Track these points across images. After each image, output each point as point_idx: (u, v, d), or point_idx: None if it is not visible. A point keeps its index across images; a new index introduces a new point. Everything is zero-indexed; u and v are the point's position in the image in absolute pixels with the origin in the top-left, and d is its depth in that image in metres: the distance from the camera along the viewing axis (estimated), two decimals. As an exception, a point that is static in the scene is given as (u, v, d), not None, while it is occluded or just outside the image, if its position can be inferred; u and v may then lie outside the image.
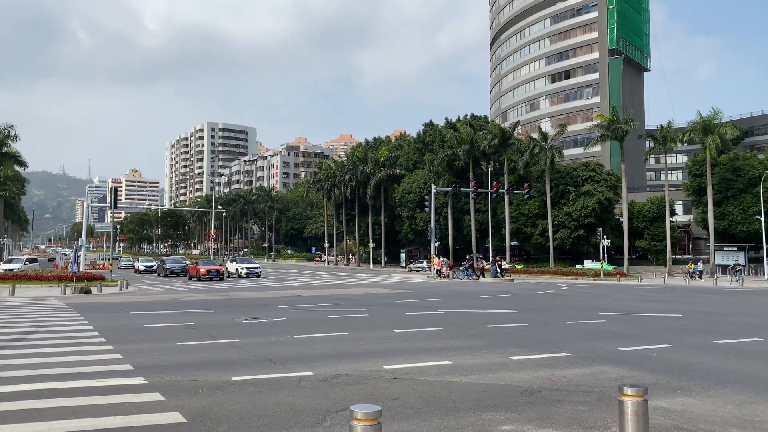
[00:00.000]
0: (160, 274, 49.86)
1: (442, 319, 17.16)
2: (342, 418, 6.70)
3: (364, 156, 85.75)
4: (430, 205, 52.63)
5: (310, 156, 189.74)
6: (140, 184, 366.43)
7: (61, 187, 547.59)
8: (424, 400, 7.59)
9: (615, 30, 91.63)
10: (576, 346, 11.87)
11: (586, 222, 59.99)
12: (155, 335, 13.74)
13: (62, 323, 16.16)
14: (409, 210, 74.84)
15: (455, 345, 12.08)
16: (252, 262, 50.69)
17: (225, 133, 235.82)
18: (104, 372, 9.29)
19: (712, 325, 15.67)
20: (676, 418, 6.89)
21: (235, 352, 11.22)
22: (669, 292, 31.57)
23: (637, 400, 5.46)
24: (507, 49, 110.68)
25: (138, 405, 7.31)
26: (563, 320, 16.71)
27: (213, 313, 19.03)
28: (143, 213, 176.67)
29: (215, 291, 30.94)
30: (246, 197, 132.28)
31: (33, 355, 10.82)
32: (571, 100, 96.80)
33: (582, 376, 9.13)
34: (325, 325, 15.45)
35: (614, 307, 20.84)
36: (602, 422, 6.69)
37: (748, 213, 56.04)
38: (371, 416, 4.57)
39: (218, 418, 6.78)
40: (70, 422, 6.53)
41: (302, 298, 25.30)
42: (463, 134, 65.44)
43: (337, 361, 10.20)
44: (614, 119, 56.91)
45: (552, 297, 26.53)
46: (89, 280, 34.32)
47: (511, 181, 63.08)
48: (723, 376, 9.08)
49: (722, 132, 53.70)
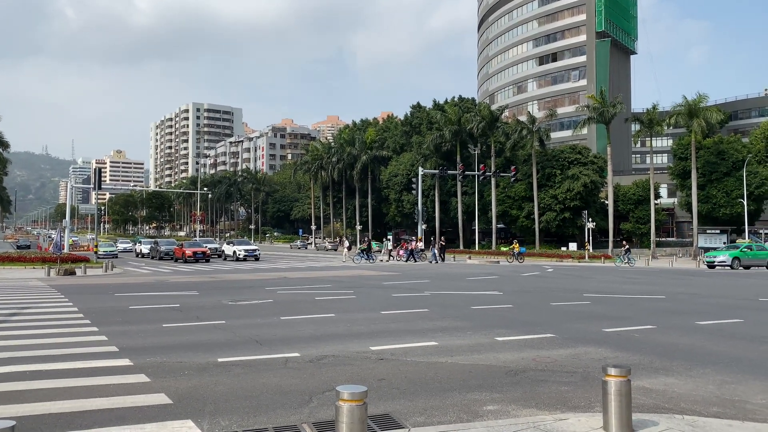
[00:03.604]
0: (154, 257, 49.34)
1: (429, 300, 17.24)
2: (328, 398, 6.72)
3: (351, 138, 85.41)
4: (417, 188, 52.64)
5: (297, 138, 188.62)
6: (125, 165, 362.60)
7: (45, 168, 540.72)
8: (410, 381, 7.64)
9: (603, 12, 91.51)
10: (560, 328, 11.99)
11: (571, 205, 60.36)
12: (141, 317, 13.68)
13: (46, 305, 16.03)
14: (396, 192, 74.83)
15: (441, 326, 12.15)
16: (250, 244, 49.63)
17: (210, 114, 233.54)
18: (89, 354, 9.24)
19: (694, 307, 15.88)
20: (658, 397, 6.99)
21: (221, 334, 11.21)
22: (653, 274, 31.93)
23: (621, 380, 5.53)
24: (495, 31, 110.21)
25: (123, 386, 7.28)
26: (548, 302, 16.85)
27: (199, 295, 18.97)
28: (128, 194, 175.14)
29: (201, 273, 30.83)
30: (232, 179, 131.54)
31: (16, 336, 10.73)
32: (559, 83, 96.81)
33: (566, 356, 9.22)
34: (311, 307, 15.47)
35: (598, 289, 21.05)
36: (586, 402, 6.77)
37: (731, 196, 56.69)
38: (357, 397, 4.59)
39: (204, 399, 6.78)
40: (54, 404, 6.49)
41: (289, 280, 25.29)
42: (451, 114, 65.33)
43: (323, 343, 10.23)
44: (602, 102, 57.06)
45: (537, 279, 26.74)
46: (73, 262, 34.04)
47: (498, 164, 63.20)
48: (704, 357, 9.22)
49: (707, 116, 54.07)
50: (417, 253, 45.07)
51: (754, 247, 40.76)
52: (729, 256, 38.19)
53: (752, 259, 38.74)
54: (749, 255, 38.77)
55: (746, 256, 38.53)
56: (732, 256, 38.21)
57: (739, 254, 38.44)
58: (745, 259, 38.36)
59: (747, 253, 38.88)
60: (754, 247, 40.66)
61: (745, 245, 41.11)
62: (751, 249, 39.76)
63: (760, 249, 40.84)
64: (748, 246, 40.56)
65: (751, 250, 39.55)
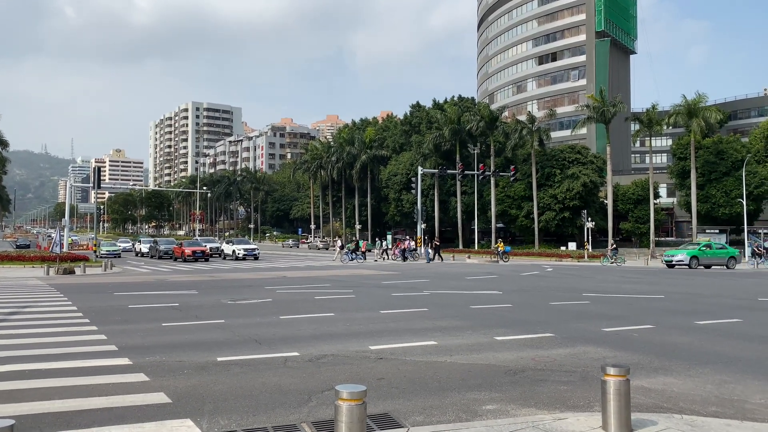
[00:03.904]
0: (154, 256, 49.32)
1: (428, 299, 17.24)
2: (328, 398, 6.73)
3: (350, 137, 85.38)
4: (417, 187, 52.67)
5: (297, 137, 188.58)
6: (124, 164, 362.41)
7: (44, 167, 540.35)
8: (409, 380, 7.64)
9: (602, 12, 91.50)
10: (560, 327, 11.99)
11: (571, 204, 60.37)
12: (140, 316, 13.68)
13: (45, 304, 16.03)
14: (396, 192, 74.82)
15: (440, 325, 12.16)
16: (249, 243, 49.73)
17: (210, 113, 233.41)
18: (88, 353, 9.23)
19: (693, 307, 15.89)
20: (657, 397, 6.99)
21: (221, 333, 11.21)
22: (652, 273, 31.94)
23: (620, 380, 5.54)
24: (494, 30, 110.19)
25: (123, 386, 7.28)
26: (547, 301, 16.86)
27: (198, 294, 18.98)
28: (127, 193, 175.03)
29: (201, 272, 30.83)
30: (231, 178, 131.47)
31: (15, 335, 10.73)
32: (558, 83, 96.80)
33: (565, 356, 9.23)
34: (311, 306, 15.47)
35: (598, 289, 21.06)
36: (585, 401, 6.77)
37: (731, 196, 56.71)
38: (356, 396, 4.59)
39: (203, 398, 6.78)
40: (53, 403, 6.49)
41: (288, 280, 25.29)
42: (450, 113, 65.34)
43: (323, 342, 10.23)
44: (602, 102, 57.06)
45: (536, 278, 26.75)
46: (73, 261, 34.03)
47: (497, 164, 63.21)
48: (703, 357, 9.22)
49: (707, 115, 54.07)
50: (410, 253, 45.10)
51: (714, 245, 39.85)
52: (687, 255, 37.37)
53: (711, 258, 38.00)
54: (708, 254, 38.01)
55: (705, 255, 37.79)
56: (690, 255, 37.42)
57: (697, 253, 37.67)
58: (704, 258, 37.62)
59: (706, 252, 38.08)
60: (713, 245, 39.75)
61: (703, 244, 40.00)
62: (710, 248, 38.89)
63: (720, 248, 40.06)
64: (707, 245, 39.58)
65: (710, 248, 38.69)
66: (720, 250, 39.46)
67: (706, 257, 37.80)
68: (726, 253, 39.17)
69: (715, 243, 41.26)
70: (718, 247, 40.17)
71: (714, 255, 38.33)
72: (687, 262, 37.07)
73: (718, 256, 38.46)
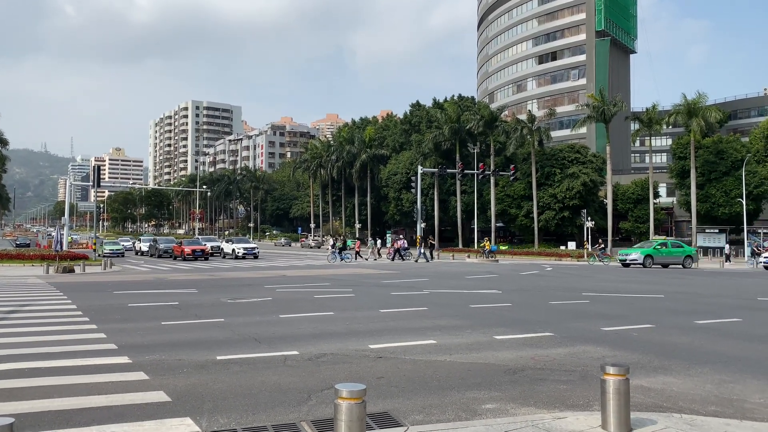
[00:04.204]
0: (153, 255, 49.33)
1: (428, 299, 17.25)
2: (327, 396, 6.73)
3: (350, 136, 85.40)
4: (417, 187, 52.65)
5: (296, 136, 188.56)
6: (124, 163, 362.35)
7: (43, 165, 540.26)
8: (408, 379, 7.64)
9: (602, 11, 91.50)
10: (559, 326, 12.00)
11: (570, 204, 60.39)
12: (139, 315, 13.68)
13: (45, 302, 16.03)
14: (396, 191, 74.83)
15: (440, 324, 12.16)
16: (249, 242, 49.73)
17: (210, 111, 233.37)
18: (88, 351, 9.23)
19: (693, 306, 15.90)
20: (657, 396, 7.00)
21: (220, 332, 11.21)
22: (651, 273, 31.96)
23: (619, 379, 5.54)
24: (494, 30, 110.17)
25: (122, 384, 7.28)
26: (547, 300, 16.86)
27: (198, 292, 18.98)
28: (127, 192, 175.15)
29: (200, 271, 30.83)
30: (231, 177, 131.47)
31: (15, 334, 10.73)
32: (558, 82, 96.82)
33: (565, 355, 9.23)
34: (310, 305, 15.47)
35: (597, 288, 21.06)
36: (584, 400, 6.78)
37: (730, 195, 56.72)
38: (356, 395, 4.59)
39: (203, 396, 6.78)
40: (53, 401, 6.49)
41: (288, 278, 25.29)
42: (450, 112, 65.35)
43: (322, 341, 10.23)
44: (602, 101, 57.06)
45: (536, 278, 26.75)
46: (72, 260, 34.03)
47: (497, 163, 63.22)
48: (703, 356, 9.23)
49: (706, 115, 54.09)
50: (403, 252, 45.14)
51: (670, 244, 39.25)
52: (641, 254, 36.87)
53: (666, 257, 37.50)
54: (663, 252, 37.51)
55: (660, 253, 37.29)
56: (644, 253, 36.93)
57: (651, 252, 37.18)
58: (659, 257, 37.11)
59: (661, 250, 37.58)
60: (669, 244, 39.16)
61: (658, 242, 39.46)
62: (666, 246, 38.39)
63: (676, 246, 39.39)
64: (662, 243, 39.09)
65: (665, 247, 38.16)
66: (676, 249, 38.81)
67: (662, 256, 37.28)
68: (682, 252, 38.50)
69: (671, 242, 40.64)
70: (675, 245, 39.51)
71: (669, 254, 37.76)
72: (641, 261, 36.50)
73: (673, 255, 37.88)
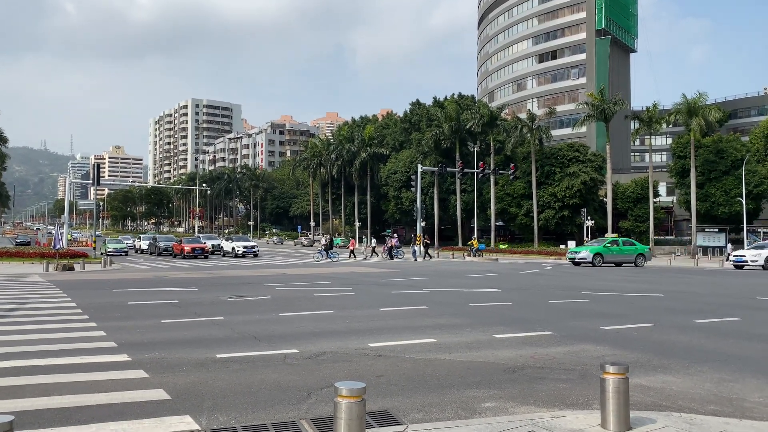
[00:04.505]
0: (153, 253, 49.31)
1: (427, 297, 17.25)
2: (327, 394, 6.73)
3: (350, 135, 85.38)
4: (416, 185, 52.65)
5: (296, 134, 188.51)
6: (123, 161, 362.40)
7: (43, 163, 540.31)
8: (408, 378, 7.64)
9: (603, 10, 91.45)
10: (559, 325, 12.00)
11: (570, 202, 60.39)
12: (139, 313, 13.68)
13: (45, 300, 16.03)
14: (396, 190, 74.83)
15: (440, 323, 12.16)
16: (249, 241, 49.77)
17: (209, 110, 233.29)
18: (87, 349, 9.23)
19: (692, 305, 15.90)
20: (656, 395, 7.00)
21: (220, 330, 11.21)
22: (651, 272, 31.96)
23: (619, 378, 5.54)
24: (495, 28, 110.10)
25: (122, 382, 7.28)
26: (546, 299, 16.87)
27: (198, 290, 18.97)
28: (126, 190, 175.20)
29: (200, 269, 30.83)
30: (231, 175, 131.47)
31: (15, 332, 10.73)
32: (558, 81, 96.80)
33: (564, 354, 9.23)
34: (310, 304, 15.47)
35: (597, 287, 21.07)
36: (584, 399, 6.78)
37: (730, 195, 56.74)
38: (356, 393, 4.59)
39: (202, 395, 6.78)
40: (53, 399, 6.49)
41: (288, 277, 25.29)
42: (450, 111, 65.34)
43: (322, 339, 10.23)
44: (602, 100, 57.05)
45: (536, 276, 26.76)
46: (72, 257, 34.03)
47: (497, 162, 63.21)
48: (702, 355, 9.23)
49: (707, 114, 54.10)
50: (396, 251, 45.13)
51: (621, 242, 38.19)
52: (590, 252, 35.92)
53: (617, 255, 36.54)
54: (614, 251, 36.54)
55: (610, 252, 36.33)
56: (593, 252, 35.96)
57: (601, 250, 36.18)
58: (609, 255, 36.13)
59: (611, 248, 36.61)
60: (620, 242, 38.13)
61: (609, 240, 38.42)
62: (617, 244, 37.42)
63: (628, 244, 38.28)
64: (613, 241, 38.13)
65: (616, 245, 37.24)
66: (627, 247, 37.77)
67: (612, 254, 36.41)
68: (634, 250, 37.49)
69: (623, 239, 39.48)
70: (626, 243, 38.46)
71: (621, 252, 36.87)
72: (590, 259, 35.62)
73: (625, 253, 36.93)
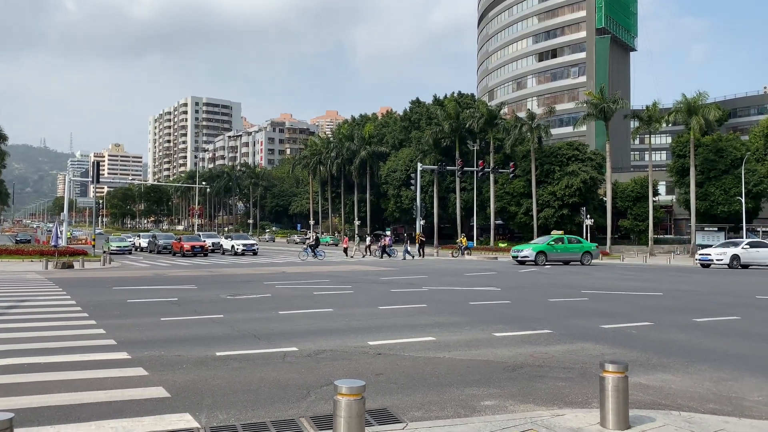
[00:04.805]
0: (152, 251, 49.36)
1: (427, 296, 17.25)
2: (326, 392, 6.73)
3: (350, 133, 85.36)
4: (416, 184, 52.65)
5: (296, 132, 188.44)
6: (123, 159, 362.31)
7: (43, 161, 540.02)
8: (407, 376, 7.65)
9: (603, 9, 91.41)
10: (558, 324, 12.01)
11: (570, 201, 60.38)
12: (138, 310, 13.68)
13: (44, 298, 16.03)
14: (395, 188, 74.81)
15: (439, 322, 12.17)
16: (248, 239, 50.00)
17: (209, 107, 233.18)
18: (87, 347, 9.24)
19: (692, 304, 15.91)
20: (655, 394, 7.01)
21: (220, 328, 11.21)
22: (650, 271, 31.98)
23: (618, 377, 5.54)
24: (495, 27, 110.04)
25: (121, 380, 7.28)
26: (546, 298, 16.88)
27: (197, 288, 18.98)
28: (126, 188, 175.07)
29: (199, 267, 30.83)
30: (230, 173, 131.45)
31: (14, 329, 10.73)
32: (558, 79, 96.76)
33: (564, 352, 9.24)
34: (310, 302, 15.48)
35: (596, 286, 21.08)
36: (583, 398, 6.78)
37: (730, 194, 56.76)
38: (355, 391, 4.59)
39: (202, 392, 6.78)
40: (52, 396, 6.50)
41: (287, 275, 25.30)
42: (450, 109, 65.32)
43: (321, 337, 10.23)
44: (601, 98, 57.04)
45: (535, 275, 26.77)
46: (71, 255, 34.02)
47: (496, 160, 63.20)
48: (701, 354, 9.24)
49: (706, 113, 54.10)
50: (389, 249, 45.19)
51: (566, 239, 36.66)
52: (532, 251, 34.56)
53: (562, 254, 35.28)
54: (558, 249, 35.23)
55: (554, 250, 35.04)
56: (536, 250, 34.61)
57: (545, 248, 34.82)
58: (553, 253, 34.88)
59: (555, 246, 35.29)
60: (565, 239, 36.59)
61: (554, 237, 37.15)
62: (562, 242, 35.99)
63: (574, 242, 36.85)
64: (558, 238, 36.65)
65: (561, 242, 35.84)
66: (573, 245, 36.33)
67: (556, 252, 35.16)
68: (580, 248, 36.18)
69: (568, 237, 38.01)
70: (572, 241, 36.98)
71: (565, 250, 35.58)
72: (533, 258, 34.21)
73: (570, 251, 35.68)
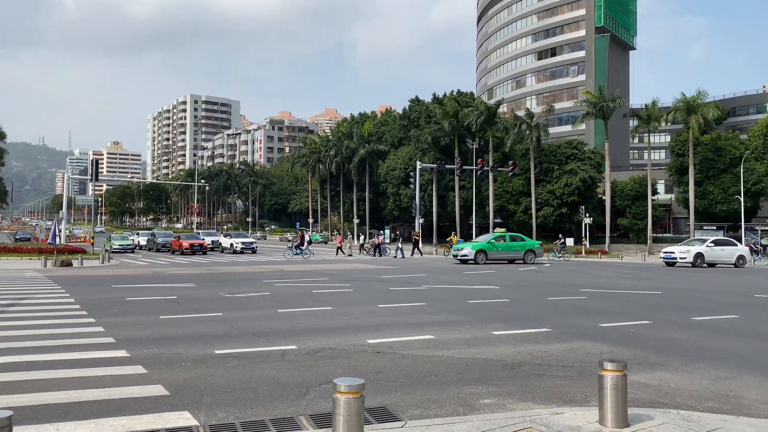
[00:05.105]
0: (151, 249, 49.35)
1: (426, 294, 17.26)
2: (325, 391, 6.74)
3: (349, 131, 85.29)
4: (415, 182, 52.66)
5: (295, 130, 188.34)
6: (122, 157, 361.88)
7: (41, 159, 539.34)
8: (407, 374, 7.65)
9: (602, 7, 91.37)
10: (557, 322, 12.02)
11: (569, 200, 60.39)
12: (137, 308, 13.67)
13: (43, 296, 16.02)
14: (394, 186, 74.77)
15: (438, 320, 12.17)
16: (247, 237, 50.15)
17: (208, 105, 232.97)
18: (86, 345, 9.23)
19: (690, 303, 15.92)
20: (654, 392, 7.01)
21: (219, 326, 11.21)
22: (649, 269, 32.00)
23: (617, 375, 5.54)
24: (494, 25, 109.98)
25: (120, 378, 7.28)
26: (545, 296, 16.89)
27: (196, 287, 18.97)
28: (125, 186, 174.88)
29: (198, 265, 30.81)
30: (229, 171, 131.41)
31: (12, 327, 10.72)
32: (557, 78, 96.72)
33: (562, 351, 9.25)
34: (309, 300, 15.48)
35: (595, 284, 21.09)
36: (582, 396, 6.79)
37: (728, 193, 56.80)
38: (354, 389, 4.59)
39: (201, 390, 6.78)
40: (51, 394, 6.49)
41: (286, 273, 25.29)
42: (449, 108, 65.29)
43: (320, 335, 10.24)
44: (600, 97, 57.04)
45: (534, 273, 26.78)
46: (70, 253, 34.00)
47: (495, 159, 63.17)
48: (700, 353, 9.25)
49: (705, 112, 54.09)
50: (382, 248, 45.22)
51: (508, 237, 35.57)
52: (472, 249, 33.39)
53: (503, 252, 34.09)
54: (499, 247, 33.99)
55: (495, 248, 33.78)
56: (475, 249, 33.38)
57: (485, 247, 33.58)
58: (494, 252, 33.66)
59: (496, 245, 34.09)
60: (507, 237, 35.49)
61: (495, 235, 36.08)
62: (504, 240, 34.90)
63: (517, 240, 35.79)
64: (500, 236, 35.57)
65: (503, 240, 34.72)
66: (515, 243, 35.23)
67: (497, 251, 33.92)
68: (523, 246, 35.02)
69: (510, 235, 36.87)
70: (514, 239, 35.87)
71: (507, 248, 34.36)
72: (472, 257, 33.04)
73: (512, 249, 34.45)
